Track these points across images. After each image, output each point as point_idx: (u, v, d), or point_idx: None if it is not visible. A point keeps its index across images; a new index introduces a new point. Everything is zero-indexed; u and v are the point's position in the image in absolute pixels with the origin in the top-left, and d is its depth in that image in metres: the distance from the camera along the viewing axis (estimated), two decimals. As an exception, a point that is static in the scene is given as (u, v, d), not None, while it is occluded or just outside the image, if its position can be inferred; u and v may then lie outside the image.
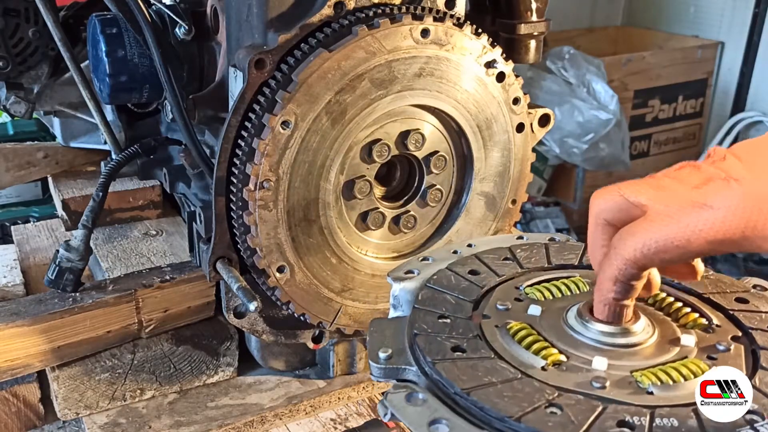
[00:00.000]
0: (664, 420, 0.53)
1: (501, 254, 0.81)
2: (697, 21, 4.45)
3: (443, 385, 0.60)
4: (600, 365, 0.60)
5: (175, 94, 1.06)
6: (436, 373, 0.60)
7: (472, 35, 1.01)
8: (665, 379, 0.59)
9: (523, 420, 0.53)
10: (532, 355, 0.63)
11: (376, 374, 0.65)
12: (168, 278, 1.17)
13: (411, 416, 0.57)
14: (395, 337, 0.67)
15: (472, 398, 0.57)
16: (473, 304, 0.71)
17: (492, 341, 0.65)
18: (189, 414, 1.12)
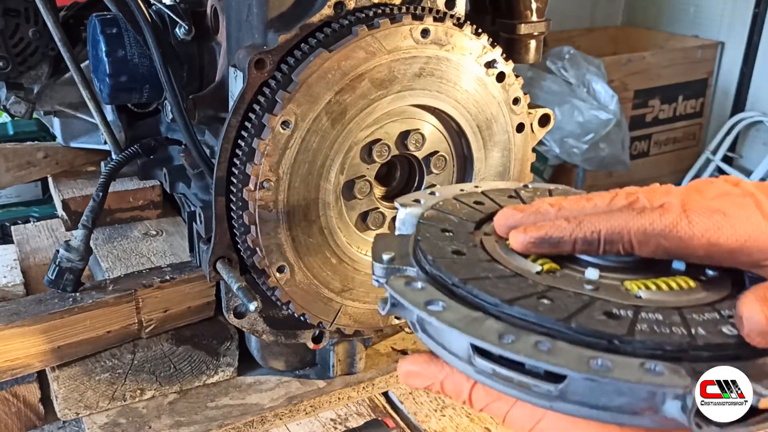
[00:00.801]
0: (649, 314, 0.55)
1: (506, 193, 0.84)
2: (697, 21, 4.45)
3: (441, 278, 0.62)
4: (592, 275, 0.63)
5: (175, 94, 1.06)
6: (435, 268, 0.63)
7: (472, 35, 1.01)
8: (653, 287, 0.61)
9: (515, 304, 0.56)
10: (529, 262, 0.65)
11: (377, 274, 0.67)
12: (168, 278, 1.17)
13: (410, 296, 0.59)
14: (399, 246, 0.70)
15: (467, 287, 0.59)
16: (476, 224, 0.74)
17: (491, 251, 0.68)
18: (189, 414, 1.12)
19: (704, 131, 4.53)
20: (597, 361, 0.50)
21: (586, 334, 0.53)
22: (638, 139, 4.46)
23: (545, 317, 0.55)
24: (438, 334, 0.60)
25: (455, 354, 0.58)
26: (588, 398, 0.52)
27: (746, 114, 4.20)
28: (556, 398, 0.53)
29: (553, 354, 0.52)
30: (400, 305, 0.62)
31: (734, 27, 4.23)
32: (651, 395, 0.51)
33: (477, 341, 0.54)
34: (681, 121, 4.36)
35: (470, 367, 0.57)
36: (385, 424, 1.10)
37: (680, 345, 0.52)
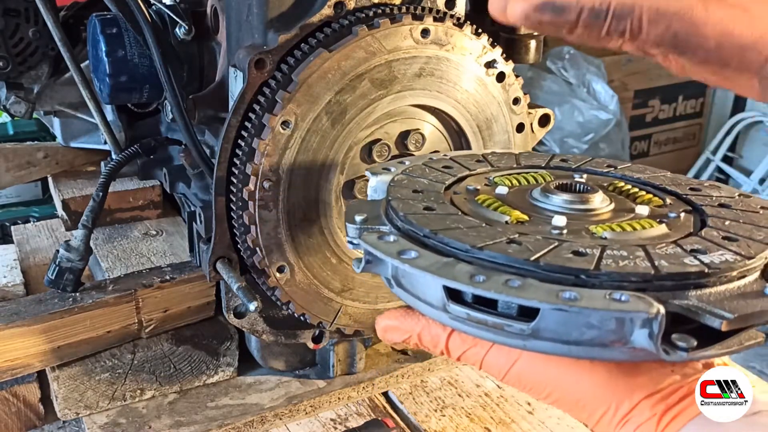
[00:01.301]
0: (614, 251, 0.58)
1: (474, 158, 0.87)
2: (697, 21, 4.44)
3: (413, 232, 0.65)
4: (559, 222, 0.65)
5: (175, 94, 1.06)
6: (406, 223, 0.66)
7: (472, 35, 1.01)
8: (618, 229, 0.64)
9: (485, 249, 0.58)
10: (497, 213, 0.69)
11: (351, 235, 0.69)
12: (168, 278, 1.17)
13: (383, 248, 0.62)
14: (371, 209, 0.72)
15: (438, 236, 0.62)
16: (444, 185, 0.77)
17: (461, 206, 0.71)
18: (189, 414, 1.12)
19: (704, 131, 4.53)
20: (565, 293, 0.52)
21: (554, 271, 0.56)
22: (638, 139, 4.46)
23: (514, 258, 0.57)
24: (412, 285, 0.62)
25: (430, 303, 0.60)
26: (560, 334, 0.54)
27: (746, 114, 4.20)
28: (529, 336, 0.55)
29: (523, 289, 0.53)
30: (374, 260, 0.64)
31: (734, 27, 4.22)
32: (620, 325, 0.52)
33: (449, 282, 0.56)
34: (681, 121, 4.36)
35: (445, 314, 0.59)
36: (385, 424, 1.10)
37: (644, 276, 0.54)
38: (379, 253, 0.62)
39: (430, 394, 1.21)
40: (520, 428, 1.14)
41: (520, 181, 0.79)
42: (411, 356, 1.26)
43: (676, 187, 0.77)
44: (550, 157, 0.88)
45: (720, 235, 0.62)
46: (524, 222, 0.67)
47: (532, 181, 0.79)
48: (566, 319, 0.53)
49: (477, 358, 0.63)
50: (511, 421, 1.15)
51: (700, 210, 0.71)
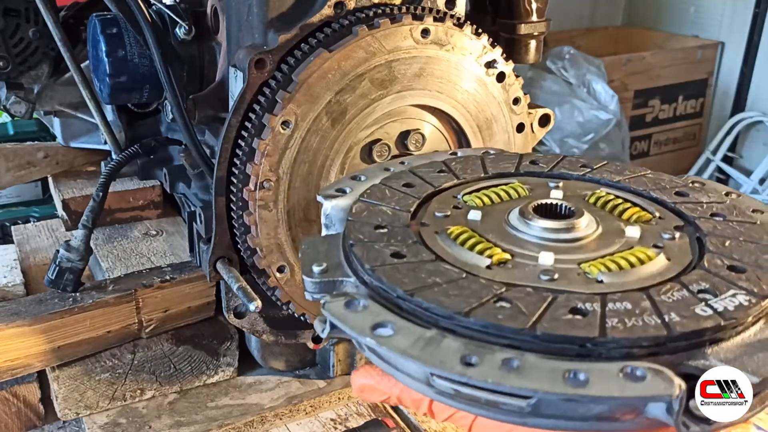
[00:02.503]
0: (617, 304, 0.52)
1: (436, 167, 0.78)
2: (697, 21, 4.45)
3: (384, 291, 0.56)
4: (547, 260, 0.59)
5: (175, 94, 1.06)
6: (376, 279, 0.57)
7: (472, 35, 1.01)
8: (614, 267, 0.58)
9: (472, 315, 0.51)
10: (476, 255, 0.61)
11: (310, 289, 0.61)
12: (168, 278, 1.17)
13: (352, 322, 0.53)
14: (329, 253, 0.64)
15: (416, 299, 0.53)
16: (410, 214, 0.69)
17: (432, 246, 0.63)
18: (189, 414, 1.12)
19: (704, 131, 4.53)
20: (572, 374, 0.46)
21: (555, 341, 0.49)
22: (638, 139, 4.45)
23: (508, 327, 0.50)
24: (390, 356, 0.54)
25: (411, 376, 0.53)
26: (564, 411, 0.48)
27: (746, 114, 4.20)
28: (529, 414, 0.49)
29: (523, 373, 0.47)
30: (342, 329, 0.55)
31: (734, 27, 4.23)
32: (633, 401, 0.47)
33: (438, 371, 0.49)
34: (681, 121, 4.36)
35: (429, 389, 0.52)
36: (385, 424, 1.09)
37: (657, 339, 0.49)
38: (350, 331, 0.53)
39: (430, 394, 1.21)
40: (520, 428, 1.13)
41: (491, 197, 0.71)
42: (411, 356, 1.26)
43: (661, 192, 0.71)
44: (519, 159, 0.80)
45: (725, 264, 0.57)
46: (507, 262, 0.60)
47: (504, 196, 0.71)
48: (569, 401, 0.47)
49: (465, 422, 0.57)
50: (511, 421, 1.15)
51: (694, 224, 0.65)
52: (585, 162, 0.78)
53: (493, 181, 0.75)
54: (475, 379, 0.47)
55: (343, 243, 0.64)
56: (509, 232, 0.64)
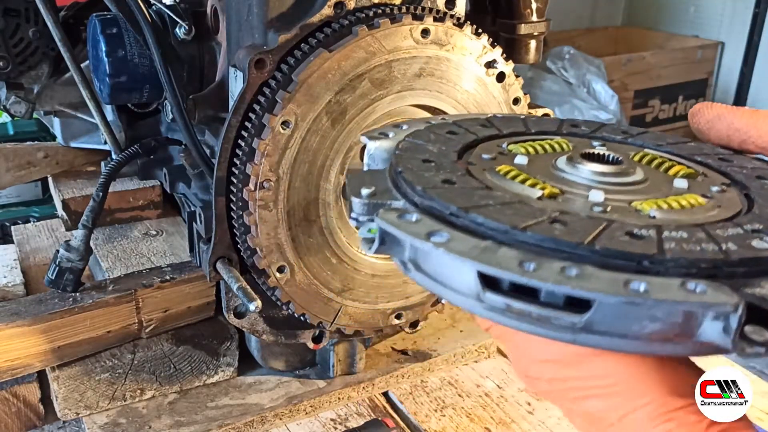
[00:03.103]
0: (672, 233, 0.51)
1: (479, 122, 0.78)
2: (697, 21, 4.45)
3: (437, 209, 0.55)
4: (597, 197, 0.58)
5: (175, 94, 1.06)
6: (428, 199, 0.56)
7: (472, 35, 1.01)
8: (664, 206, 0.57)
9: (528, 230, 0.50)
10: (526, 187, 0.60)
11: (357, 210, 0.60)
12: (168, 278, 1.17)
13: (407, 228, 0.52)
14: (376, 181, 0.63)
15: (471, 215, 0.53)
16: (456, 154, 0.68)
17: (482, 179, 0.62)
18: (189, 414, 1.12)
19: (704, 131, 4.51)
20: (634, 283, 0.45)
21: (613, 257, 0.48)
22: (638, 139, 4.44)
23: (565, 241, 0.49)
24: (437, 270, 0.53)
25: (459, 291, 0.51)
26: (616, 327, 0.47)
27: (746, 114, 4.20)
28: (581, 330, 0.48)
29: (583, 279, 0.46)
30: (391, 241, 0.55)
31: (734, 27, 4.23)
32: (687, 318, 0.46)
33: (497, 271, 0.48)
34: (681, 121, 4.36)
35: (478, 304, 0.50)
36: (385, 424, 1.10)
37: (715, 262, 0.48)
38: (404, 235, 0.52)
39: (430, 394, 1.21)
40: (520, 428, 1.14)
41: (536, 149, 0.71)
42: (411, 356, 1.26)
43: (705, 157, 0.70)
44: (560, 122, 0.80)
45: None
46: (557, 196, 0.59)
47: (549, 149, 0.71)
48: (626, 312, 0.46)
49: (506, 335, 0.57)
50: (511, 421, 1.15)
51: (741, 183, 0.64)
52: (625, 129, 0.79)
53: (537, 137, 0.75)
54: (534, 279, 0.46)
55: (391, 172, 0.64)
56: (557, 175, 0.63)
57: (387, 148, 0.70)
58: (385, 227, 0.54)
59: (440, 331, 1.33)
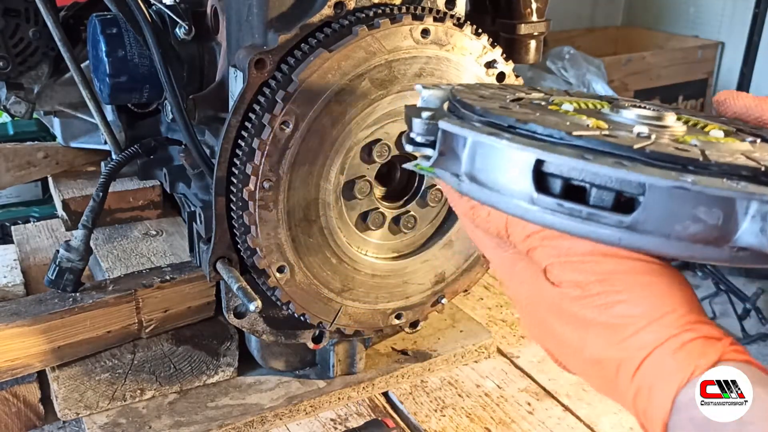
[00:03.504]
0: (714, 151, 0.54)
1: (522, 88, 0.82)
2: (697, 21, 4.45)
3: (497, 123, 0.58)
4: (643, 130, 0.60)
5: (175, 94, 1.06)
6: (486, 116, 0.59)
7: (472, 35, 1.01)
8: (704, 139, 0.60)
9: (583, 137, 0.53)
10: (576, 117, 0.63)
11: (417, 130, 0.63)
12: (168, 278, 1.17)
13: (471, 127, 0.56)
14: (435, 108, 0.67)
15: (528, 125, 0.55)
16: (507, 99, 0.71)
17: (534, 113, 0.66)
18: (189, 414, 1.12)
19: (704, 131, 4.51)
20: (682, 176, 0.48)
21: (661, 160, 0.51)
22: (638, 139, 4.44)
23: (616, 145, 0.52)
24: (492, 177, 0.56)
25: (512, 195, 0.54)
26: (660, 227, 0.50)
27: (746, 114, 4.20)
28: (627, 229, 0.51)
29: (637, 169, 0.49)
30: (448, 152, 0.58)
31: (734, 27, 4.23)
32: (727, 219, 0.49)
33: (556, 157, 0.51)
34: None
35: (531, 206, 0.54)
36: (385, 424, 1.10)
37: (755, 171, 0.50)
38: (468, 132, 0.55)
39: (430, 394, 1.21)
40: (520, 428, 1.14)
41: (580, 104, 0.75)
42: (411, 356, 1.26)
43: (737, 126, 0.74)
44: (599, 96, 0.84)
45: None
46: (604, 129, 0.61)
47: (591, 106, 0.75)
48: (671, 209, 0.49)
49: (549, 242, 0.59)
50: (511, 421, 1.15)
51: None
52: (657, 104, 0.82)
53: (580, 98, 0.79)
54: (593, 164, 0.50)
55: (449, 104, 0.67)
56: (604, 117, 0.66)
57: (440, 95, 0.73)
58: (449, 128, 0.57)
59: (440, 331, 1.33)
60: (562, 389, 1.23)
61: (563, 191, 0.52)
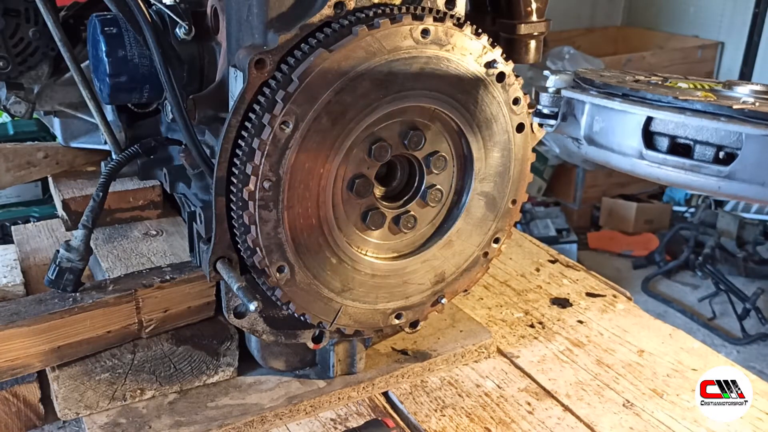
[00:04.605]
0: None
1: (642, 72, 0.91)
2: (697, 21, 4.45)
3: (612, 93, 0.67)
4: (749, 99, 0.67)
5: (175, 94, 1.06)
6: (604, 87, 0.69)
7: (472, 35, 1.01)
8: None
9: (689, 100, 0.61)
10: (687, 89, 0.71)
11: (544, 102, 0.77)
12: (168, 278, 1.17)
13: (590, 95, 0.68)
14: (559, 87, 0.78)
15: (640, 92, 0.65)
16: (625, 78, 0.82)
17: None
18: (189, 414, 1.12)
19: (704, 131, 4.51)
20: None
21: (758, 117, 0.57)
22: (638, 139, 4.44)
23: (719, 106, 0.59)
24: (608, 138, 0.66)
25: (624, 153, 0.64)
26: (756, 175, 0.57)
27: (746, 114, 4.20)
28: (725, 177, 0.58)
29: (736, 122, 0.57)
30: (570, 117, 0.69)
31: (734, 27, 4.23)
32: None
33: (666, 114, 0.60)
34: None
35: (641, 161, 0.63)
36: (385, 424, 1.10)
37: None
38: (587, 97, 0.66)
39: (430, 394, 1.21)
40: (520, 428, 1.14)
41: (696, 85, 0.81)
42: (411, 356, 1.26)
43: None
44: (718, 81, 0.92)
45: None
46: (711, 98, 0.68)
47: (708, 86, 0.81)
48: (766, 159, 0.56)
49: None
50: (511, 421, 1.15)
51: None
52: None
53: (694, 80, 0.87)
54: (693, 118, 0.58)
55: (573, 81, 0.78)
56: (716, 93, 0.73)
57: (565, 78, 0.81)
58: (571, 95, 0.70)
59: (440, 331, 1.33)
60: (562, 389, 1.23)
61: (669, 148, 0.61)
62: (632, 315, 1.47)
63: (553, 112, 0.75)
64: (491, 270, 1.58)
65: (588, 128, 0.68)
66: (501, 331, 1.40)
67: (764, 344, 3.51)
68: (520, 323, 1.43)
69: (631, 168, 0.64)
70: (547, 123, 0.75)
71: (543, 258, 1.71)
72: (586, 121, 0.68)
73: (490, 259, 1.19)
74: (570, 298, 1.53)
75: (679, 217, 4.49)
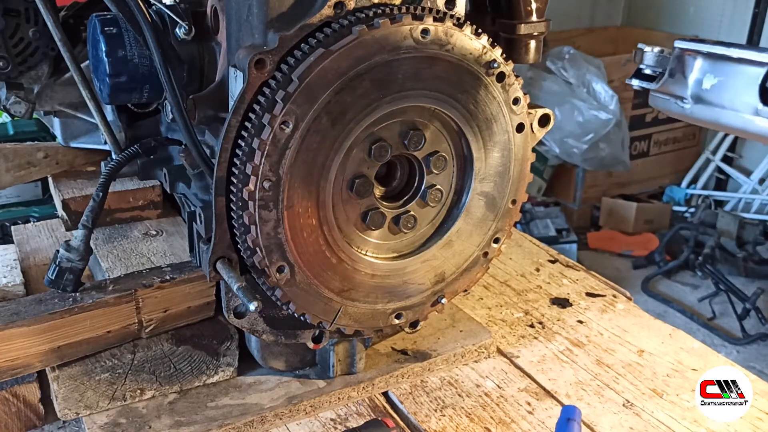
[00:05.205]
0: None
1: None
2: (697, 21, 4.45)
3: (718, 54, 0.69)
4: None
5: (175, 94, 1.06)
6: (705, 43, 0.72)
7: (472, 35, 1.01)
8: None
9: None
10: None
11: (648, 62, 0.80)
12: (168, 278, 1.17)
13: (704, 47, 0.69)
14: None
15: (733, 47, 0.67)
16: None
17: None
18: (189, 414, 1.12)
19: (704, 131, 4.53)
20: None
21: None
22: (638, 139, 4.45)
23: None
24: (719, 96, 0.65)
25: (737, 110, 0.63)
26: None
27: (746, 114, 4.20)
28: None
29: None
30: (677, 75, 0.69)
31: (734, 27, 4.23)
32: None
33: None
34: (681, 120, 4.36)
35: (755, 118, 0.62)
36: (385, 424, 1.10)
37: None
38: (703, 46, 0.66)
39: (430, 394, 1.21)
40: (520, 428, 1.14)
41: None
42: (411, 356, 1.26)
43: None
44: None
45: None
46: None
47: None
48: None
49: None
50: (511, 421, 1.15)
51: None
52: None
53: None
54: None
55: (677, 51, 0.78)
56: None
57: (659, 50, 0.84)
58: (685, 45, 0.70)
59: (440, 331, 1.33)
60: (562, 389, 1.23)
61: None
62: (632, 315, 1.47)
63: (655, 72, 0.76)
64: (491, 270, 1.58)
65: (697, 85, 0.67)
66: (501, 331, 1.40)
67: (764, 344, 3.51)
68: (520, 323, 1.44)
69: (743, 126, 0.63)
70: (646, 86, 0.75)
71: (543, 258, 1.72)
72: (695, 78, 0.67)
73: (490, 259, 1.19)
74: (570, 298, 1.53)
75: (679, 217, 4.50)
